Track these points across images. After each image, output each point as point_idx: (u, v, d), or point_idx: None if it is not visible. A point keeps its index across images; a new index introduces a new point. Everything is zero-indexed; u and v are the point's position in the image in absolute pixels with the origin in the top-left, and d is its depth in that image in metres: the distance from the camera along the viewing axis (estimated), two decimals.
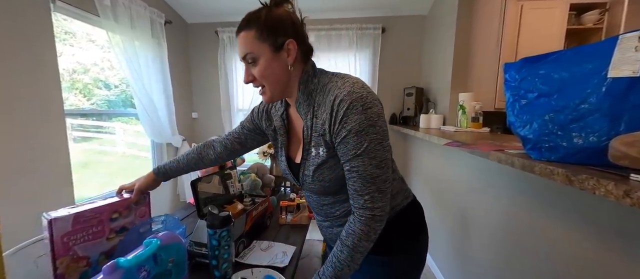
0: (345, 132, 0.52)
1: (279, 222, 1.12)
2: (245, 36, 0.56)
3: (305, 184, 0.65)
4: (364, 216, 0.54)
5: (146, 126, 2.01)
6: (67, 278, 0.67)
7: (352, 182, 0.55)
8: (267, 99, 0.61)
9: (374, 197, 0.54)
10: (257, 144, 0.83)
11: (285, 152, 0.69)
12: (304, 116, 0.61)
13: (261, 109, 0.75)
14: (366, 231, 0.54)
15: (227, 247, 0.72)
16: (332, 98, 0.54)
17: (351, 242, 0.55)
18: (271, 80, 0.58)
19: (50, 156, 1.41)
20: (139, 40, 1.87)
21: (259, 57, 0.56)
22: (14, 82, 1.25)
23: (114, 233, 0.76)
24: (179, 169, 0.86)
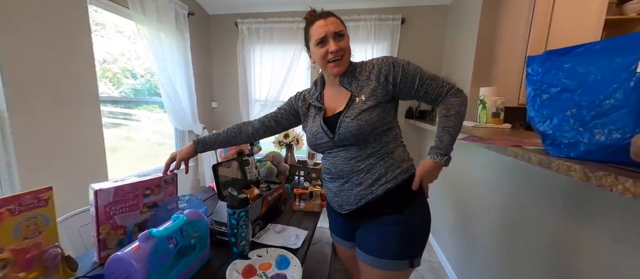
0: (400, 68, 0.73)
1: (293, 208, 1.17)
2: (335, 19, 0.75)
3: (342, 126, 0.74)
4: (451, 91, 0.74)
5: (170, 113, 2.12)
6: (107, 243, 0.76)
7: (430, 88, 0.74)
8: (341, 68, 0.76)
9: (449, 83, 0.75)
10: (290, 124, 0.95)
11: (322, 115, 0.81)
12: (347, 85, 0.78)
13: (297, 96, 0.92)
14: (461, 99, 0.74)
15: (244, 226, 0.78)
16: (375, 61, 0.75)
17: (455, 110, 0.73)
18: (349, 53, 0.77)
19: (88, 138, 1.55)
20: (164, 32, 1.96)
21: (344, 35, 0.76)
22: (59, 71, 1.38)
23: (146, 207, 0.84)
24: (218, 142, 0.97)
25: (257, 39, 2.48)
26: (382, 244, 0.74)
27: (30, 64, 1.26)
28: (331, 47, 0.73)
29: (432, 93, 0.75)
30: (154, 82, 2.76)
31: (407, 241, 0.74)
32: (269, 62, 2.50)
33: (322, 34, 0.73)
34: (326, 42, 0.74)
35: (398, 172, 0.74)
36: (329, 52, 0.74)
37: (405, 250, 0.73)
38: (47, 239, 0.65)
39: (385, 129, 0.75)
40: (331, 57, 0.74)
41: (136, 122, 4.34)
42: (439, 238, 1.96)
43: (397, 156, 0.76)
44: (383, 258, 0.73)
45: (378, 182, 0.74)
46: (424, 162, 0.75)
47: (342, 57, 0.75)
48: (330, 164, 0.80)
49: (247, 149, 1.26)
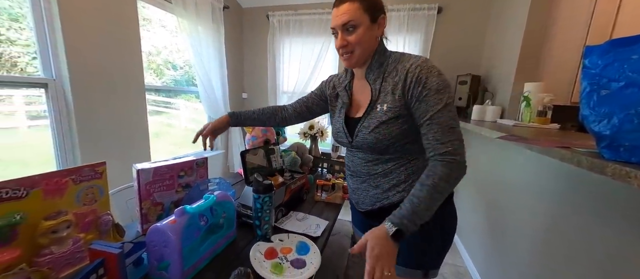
0: (426, 91, 0.60)
1: (315, 198, 1.19)
2: (350, 6, 0.64)
3: (360, 136, 0.71)
4: (446, 159, 0.58)
5: (205, 103, 2.27)
6: (148, 217, 0.84)
7: (432, 134, 0.60)
8: (351, 63, 0.70)
9: (456, 146, 0.59)
10: (320, 110, 0.94)
11: (345, 112, 0.78)
12: (372, 81, 0.71)
13: (329, 80, 0.90)
14: (447, 173, 0.58)
15: (268, 211, 0.81)
16: (408, 65, 0.64)
17: (431, 181, 0.58)
18: (363, 46, 0.67)
19: (134, 123, 1.72)
20: (201, 26, 2.08)
21: (358, 26, 0.65)
22: (112, 62, 1.54)
23: (180, 187, 0.92)
24: (251, 119, 1.00)
25: (286, 32, 2.52)
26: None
27: (89, 55, 1.43)
28: (337, 41, 0.68)
29: (431, 140, 0.60)
30: (191, 74, 2.95)
31: (421, 252, 0.71)
32: (297, 55, 2.52)
33: (332, 25, 0.69)
34: (336, 34, 0.69)
35: (417, 179, 0.69)
36: (336, 46, 0.69)
37: (418, 260, 0.71)
38: (101, 207, 0.74)
39: (408, 141, 0.68)
40: (341, 51, 0.70)
41: (175, 110, 4.76)
42: (467, 241, 1.85)
43: (422, 164, 0.69)
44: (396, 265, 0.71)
45: (396, 189, 0.71)
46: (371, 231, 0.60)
47: (353, 52, 0.68)
48: (349, 161, 0.80)
49: (273, 139, 1.30)
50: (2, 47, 2.63)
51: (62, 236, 0.62)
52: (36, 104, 4.28)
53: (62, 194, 0.65)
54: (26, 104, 4.11)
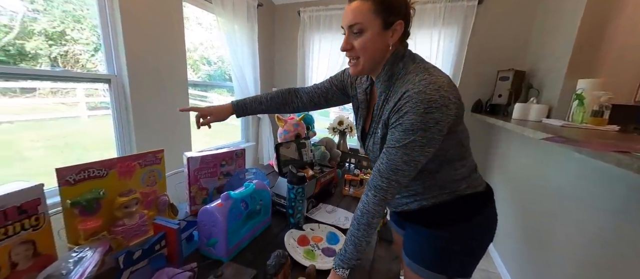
0: (398, 123, 0.56)
1: (343, 193, 1.23)
2: (359, 6, 0.57)
3: (370, 153, 0.72)
4: (378, 196, 0.59)
5: (238, 96, 2.40)
6: (196, 200, 0.95)
7: (379, 163, 0.59)
8: (356, 71, 0.64)
9: (391, 185, 0.58)
10: (338, 101, 0.88)
11: (362, 122, 0.75)
12: (379, 94, 0.65)
13: (350, 73, 0.78)
14: (379, 210, 0.60)
15: (301, 201, 0.87)
16: (403, 91, 0.56)
17: (366, 220, 0.61)
18: (369, 54, 0.60)
19: (178, 115, 1.90)
20: (237, 24, 2.20)
21: (366, 30, 0.58)
22: (160, 58, 1.71)
23: (222, 175, 1.01)
24: (259, 109, 0.92)
25: (317, 28, 2.54)
26: (416, 250, 0.73)
27: (143, 54, 1.60)
28: (342, 43, 0.62)
29: (376, 167, 0.61)
30: (224, 69, 3.14)
31: (444, 257, 0.69)
32: (326, 50, 2.54)
33: (341, 24, 0.62)
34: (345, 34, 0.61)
35: (438, 192, 0.67)
36: (341, 48, 0.63)
37: (440, 265, 0.69)
38: (160, 189, 0.86)
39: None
40: (346, 55, 0.64)
41: (209, 103, 5.15)
42: (501, 247, 1.76)
43: (441, 177, 0.66)
44: (416, 263, 0.71)
45: (414, 198, 0.70)
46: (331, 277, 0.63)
47: (358, 58, 0.62)
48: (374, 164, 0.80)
49: (304, 133, 1.36)
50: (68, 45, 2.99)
51: (132, 211, 0.73)
52: (94, 96, 4.83)
53: (131, 176, 0.77)
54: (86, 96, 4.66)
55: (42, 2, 2.39)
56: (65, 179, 0.63)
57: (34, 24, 3.13)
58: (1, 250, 0.48)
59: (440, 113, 0.53)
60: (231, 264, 0.59)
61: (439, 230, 0.69)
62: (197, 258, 0.72)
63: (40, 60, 3.44)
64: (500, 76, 1.93)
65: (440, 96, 0.53)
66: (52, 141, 4.20)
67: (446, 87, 0.54)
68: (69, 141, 4.45)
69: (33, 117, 4.21)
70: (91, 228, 0.66)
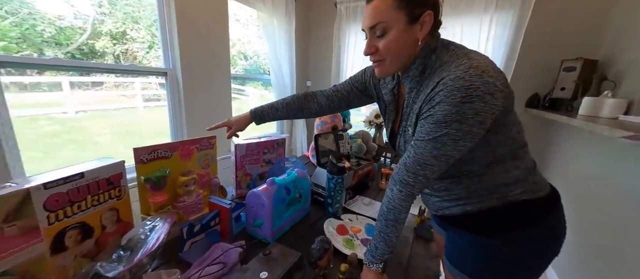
0: (429, 114, 0.51)
1: (379, 186, 1.21)
2: (379, 4, 0.52)
3: (401, 152, 0.67)
4: (404, 192, 0.56)
5: (275, 90, 2.49)
6: (241, 184, 1.02)
7: (406, 156, 0.55)
8: (382, 73, 0.59)
9: (418, 180, 0.54)
10: (363, 104, 0.84)
11: (391, 124, 0.71)
12: (407, 91, 0.60)
13: (373, 72, 0.74)
14: (406, 206, 0.57)
15: (340, 191, 0.88)
16: (438, 79, 0.50)
17: (394, 216, 0.58)
18: (396, 54, 0.55)
19: (221, 106, 2.04)
20: (276, 18, 2.26)
21: (390, 28, 0.53)
22: (207, 53, 1.84)
23: (264, 162, 1.07)
24: (276, 117, 0.91)
25: (353, 19, 2.50)
26: (460, 256, 0.66)
27: (193, 49, 1.74)
28: (365, 47, 0.58)
29: (401, 162, 0.57)
30: (259, 63, 3.25)
31: (491, 268, 0.61)
32: (363, 42, 2.49)
33: (362, 27, 0.58)
34: (367, 37, 0.57)
35: (486, 197, 0.59)
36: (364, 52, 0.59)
37: (486, 276, 0.62)
38: (212, 171, 0.94)
39: (460, 162, 0.55)
40: (370, 58, 0.59)
41: (245, 96, 5.36)
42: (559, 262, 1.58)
43: (490, 180, 0.58)
44: (459, 271, 0.65)
45: (456, 202, 0.63)
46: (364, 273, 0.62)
47: (383, 60, 0.57)
48: None
49: (340, 125, 1.36)
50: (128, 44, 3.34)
51: (191, 190, 0.82)
52: (148, 89, 5.35)
53: (190, 158, 0.85)
54: (142, 89, 5.18)
55: (108, 5, 2.72)
56: (140, 158, 0.72)
57: (101, 25, 3.56)
58: (96, 214, 0.57)
59: (482, 102, 0.46)
60: (277, 245, 0.63)
61: (487, 238, 0.61)
62: (244, 236, 0.78)
63: (106, 57, 3.91)
64: (564, 66, 1.69)
65: (483, 82, 0.46)
66: (115, 128, 4.81)
67: (491, 71, 0.47)
68: (128, 129, 5.05)
69: (101, 107, 4.86)
70: (159, 202, 0.75)
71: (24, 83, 3.72)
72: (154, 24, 2.54)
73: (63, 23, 3.22)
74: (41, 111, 3.72)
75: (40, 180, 0.48)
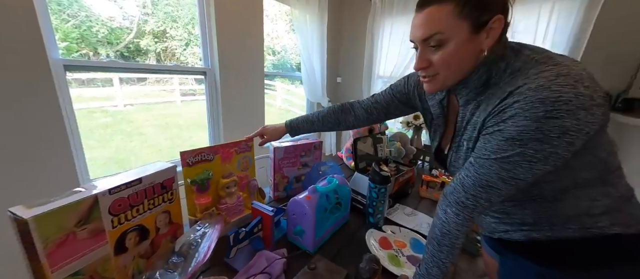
0: (497, 129, 0.43)
1: (420, 194, 1.13)
2: (435, 12, 0.45)
3: (452, 170, 0.60)
4: (462, 215, 0.49)
5: (306, 86, 2.47)
6: (278, 187, 1.02)
7: (464, 174, 0.48)
8: (433, 89, 0.53)
9: (478, 204, 0.47)
10: (404, 114, 0.81)
11: (438, 140, 0.64)
12: (462, 103, 0.53)
13: (414, 81, 0.70)
14: (463, 230, 0.50)
15: (383, 201, 0.83)
16: (511, 88, 0.42)
17: (449, 241, 0.51)
18: (454, 68, 0.48)
19: (254, 103, 2.07)
20: (309, 14, 2.22)
21: (449, 39, 0.45)
22: (242, 51, 1.87)
23: (301, 165, 1.05)
24: (311, 129, 0.90)
25: (389, 11, 2.36)
26: None
27: (230, 48, 1.77)
28: (416, 61, 0.51)
29: (458, 178, 0.50)
30: (286, 58, 3.25)
31: None
32: (399, 35, 2.35)
33: (411, 37, 0.51)
34: (417, 49, 0.51)
35: (559, 226, 0.50)
36: (414, 67, 0.53)
37: None
38: (250, 174, 0.94)
39: (537, 183, 0.46)
40: (419, 73, 0.53)
41: (273, 91, 5.43)
42: None
43: (566, 208, 0.48)
44: None
45: (519, 227, 0.54)
46: None
47: (436, 75, 0.50)
48: None
49: (377, 127, 1.30)
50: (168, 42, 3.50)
51: (232, 192, 0.83)
52: (185, 85, 5.65)
53: (230, 161, 0.86)
54: (179, 85, 5.49)
55: (151, 6, 2.88)
56: (186, 161, 0.74)
57: (145, 25, 3.81)
58: (151, 217, 0.59)
59: (574, 119, 0.37)
60: (322, 259, 0.61)
61: (561, 271, 0.52)
62: (285, 243, 0.77)
63: (149, 54, 4.20)
64: None
65: (576, 93, 0.37)
66: (157, 120, 5.17)
67: (586, 80, 0.38)
68: (168, 121, 5.40)
69: (145, 101, 5.25)
70: (204, 204, 0.77)
71: (82, 79, 4.11)
72: (190, 22, 2.64)
73: (113, 24, 3.49)
74: (96, 104, 4.15)
75: (105, 186, 0.50)
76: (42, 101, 1.11)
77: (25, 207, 0.40)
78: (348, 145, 1.39)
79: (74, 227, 0.45)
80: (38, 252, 0.40)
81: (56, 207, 0.42)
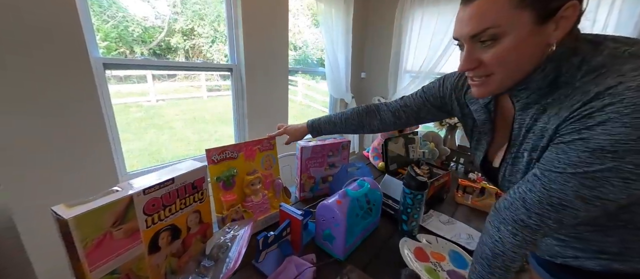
0: (579, 138, 0.35)
1: (456, 200, 1.04)
2: (488, 3, 0.38)
3: (506, 184, 0.52)
4: (520, 235, 0.42)
5: (329, 82, 2.41)
6: (304, 187, 0.99)
7: (526, 188, 0.41)
8: (484, 92, 0.45)
9: (544, 225, 0.40)
10: (436, 120, 0.76)
11: (485, 150, 0.56)
12: (520, 107, 0.45)
13: (454, 83, 0.62)
14: (520, 253, 0.43)
15: (418, 208, 0.77)
16: (599, 89, 0.34)
17: (502, 263, 0.44)
18: (513, 67, 0.41)
19: (279, 99, 2.07)
20: (335, 7, 2.15)
21: (506, 34, 0.38)
22: (269, 49, 1.86)
23: (328, 165, 1.01)
24: (333, 131, 0.88)
25: (419, 3, 2.22)
26: None
27: (255, 45, 1.77)
28: (460, 63, 0.44)
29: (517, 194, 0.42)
30: (307, 53, 3.20)
31: None
32: (429, 28, 2.20)
33: (455, 34, 0.44)
34: (462, 47, 0.44)
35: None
36: (459, 69, 0.46)
37: None
38: (275, 172, 0.92)
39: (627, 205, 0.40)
40: (467, 74, 0.46)
41: (294, 87, 5.47)
42: None
43: None
44: None
45: (595, 255, 0.47)
46: None
47: (489, 75, 0.43)
48: None
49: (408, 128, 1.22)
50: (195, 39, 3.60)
51: (257, 189, 0.81)
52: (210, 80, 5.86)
53: (253, 158, 0.85)
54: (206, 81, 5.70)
55: (180, 5, 2.98)
56: (211, 158, 0.73)
57: (175, 24, 3.95)
58: (183, 216, 0.59)
59: None
60: (354, 270, 0.57)
61: None
62: (313, 248, 0.74)
63: (178, 52, 4.36)
64: None
65: None
66: (185, 115, 5.41)
67: None
68: (195, 115, 5.64)
69: (175, 96, 5.52)
70: (230, 201, 0.76)
71: (120, 76, 4.40)
72: (216, 19, 2.67)
73: (147, 23, 3.67)
74: (132, 100, 4.44)
75: (140, 186, 0.49)
76: (83, 96, 1.18)
77: (66, 206, 0.41)
78: (375, 144, 1.32)
79: (110, 227, 0.45)
80: (78, 251, 0.40)
81: (94, 208, 0.42)
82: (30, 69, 1.04)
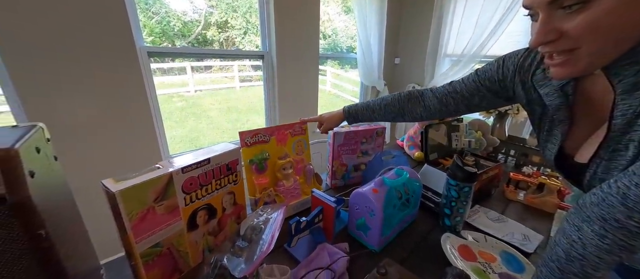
0: None
1: (506, 195, 0.93)
2: None
3: (593, 183, 0.42)
4: (611, 238, 0.34)
5: (361, 69, 2.32)
6: (336, 174, 0.95)
7: (631, 183, 0.32)
8: (569, 72, 0.37)
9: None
10: (491, 108, 0.67)
11: (560, 141, 0.47)
12: (625, 89, 0.36)
13: (518, 61, 0.53)
14: (608, 262, 0.35)
15: (464, 203, 0.69)
16: None
17: (581, 269, 0.36)
18: (611, 36, 0.32)
19: (309, 86, 2.04)
20: None
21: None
22: (300, 37, 1.83)
23: (361, 153, 0.96)
24: (372, 118, 0.83)
25: None
26: None
27: (287, 32, 1.75)
28: (533, 36, 0.36)
29: (620, 186, 0.33)
30: (337, 41, 3.09)
31: None
32: (476, 7, 1.97)
33: (526, 3, 0.37)
34: (535, 17, 0.37)
35: None
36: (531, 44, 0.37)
37: None
38: (306, 158, 0.90)
39: None
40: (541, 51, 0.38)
41: (323, 76, 5.45)
42: None
43: None
44: None
45: None
46: None
47: (574, 50, 0.34)
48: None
49: None
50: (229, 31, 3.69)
51: (288, 173, 0.80)
52: (243, 71, 6.09)
53: (285, 143, 0.83)
54: (239, 71, 5.94)
55: None
56: (244, 141, 0.73)
57: (211, 17, 4.11)
58: (218, 197, 0.60)
59: None
60: (392, 264, 0.52)
61: None
62: (345, 236, 0.71)
63: (214, 44, 4.55)
64: None
65: None
66: (220, 105, 5.71)
67: None
68: (229, 105, 5.91)
69: (211, 87, 5.85)
70: (262, 184, 0.76)
71: (164, 68, 4.77)
72: (248, 10, 2.70)
73: (186, 18, 3.87)
74: (173, 90, 4.80)
75: (179, 164, 0.50)
76: (131, 84, 1.28)
77: (114, 181, 0.42)
78: (411, 133, 1.23)
79: (153, 202, 0.46)
80: (124, 223, 0.42)
81: (138, 183, 0.43)
82: (88, 62, 1.15)
